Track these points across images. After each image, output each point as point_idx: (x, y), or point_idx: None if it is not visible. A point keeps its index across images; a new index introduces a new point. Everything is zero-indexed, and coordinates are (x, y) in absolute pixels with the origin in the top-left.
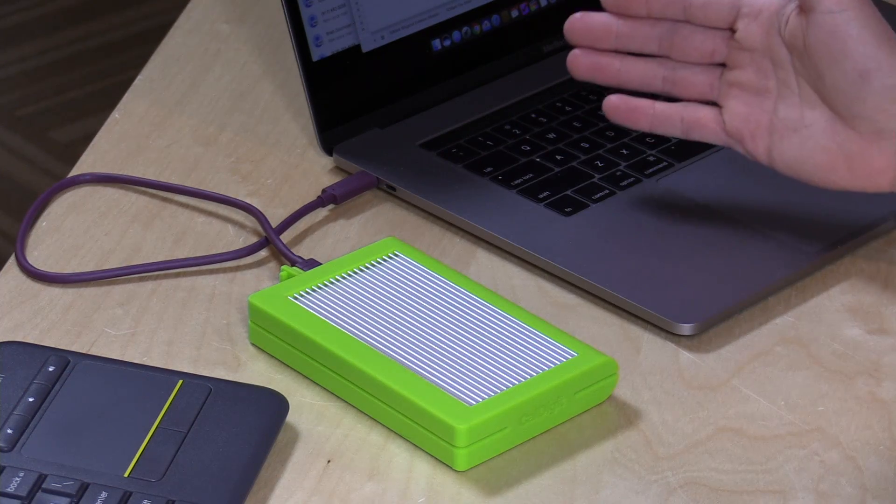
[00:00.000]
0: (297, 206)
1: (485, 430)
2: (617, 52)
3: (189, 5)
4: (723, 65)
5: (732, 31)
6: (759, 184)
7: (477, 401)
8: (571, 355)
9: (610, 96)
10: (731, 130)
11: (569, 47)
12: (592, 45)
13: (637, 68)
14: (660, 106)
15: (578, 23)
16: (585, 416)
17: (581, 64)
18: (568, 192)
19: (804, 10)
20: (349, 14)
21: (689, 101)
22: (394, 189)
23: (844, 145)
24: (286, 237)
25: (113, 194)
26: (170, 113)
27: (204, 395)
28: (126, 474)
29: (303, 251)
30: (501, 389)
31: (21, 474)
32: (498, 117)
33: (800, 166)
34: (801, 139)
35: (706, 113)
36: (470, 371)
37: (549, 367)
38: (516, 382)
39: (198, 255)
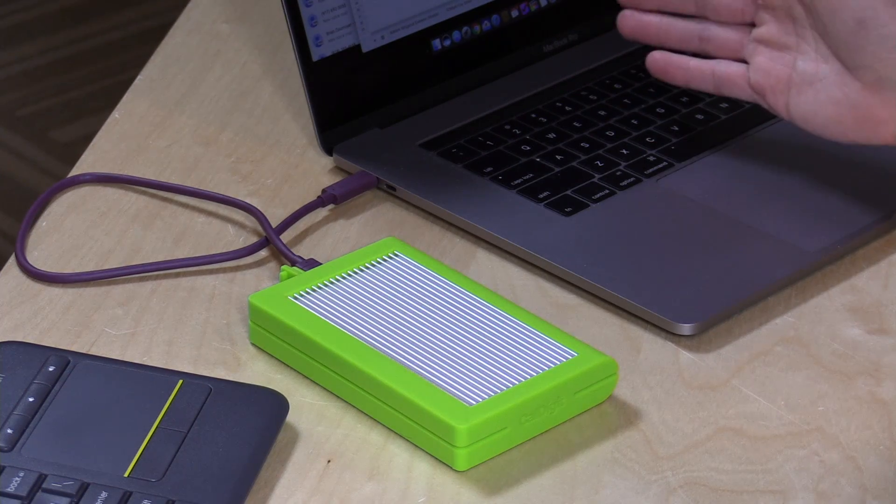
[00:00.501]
0: (297, 206)
1: (485, 430)
2: (660, 12)
3: (189, 5)
4: (753, 24)
5: None
6: (759, 183)
7: (477, 401)
8: (571, 355)
9: (653, 52)
10: (755, 85)
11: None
12: (638, 6)
13: (676, 27)
14: (694, 62)
15: None
16: (585, 416)
17: (628, 24)
18: (568, 192)
19: None
20: (349, 14)
21: (721, 59)
22: (394, 189)
23: (851, 96)
24: (286, 237)
25: (113, 194)
26: (170, 113)
27: (204, 395)
28: (126, 474)
29: (303, 251)
30: (501, 389)
31: (21, 474)
32: (498, 117)
33: (813, 119)
34: (814, 92)
35: (735, 69)
36: (470, 371)
37: (549, 367)
38: (516, 382)
39: (198, 255)
